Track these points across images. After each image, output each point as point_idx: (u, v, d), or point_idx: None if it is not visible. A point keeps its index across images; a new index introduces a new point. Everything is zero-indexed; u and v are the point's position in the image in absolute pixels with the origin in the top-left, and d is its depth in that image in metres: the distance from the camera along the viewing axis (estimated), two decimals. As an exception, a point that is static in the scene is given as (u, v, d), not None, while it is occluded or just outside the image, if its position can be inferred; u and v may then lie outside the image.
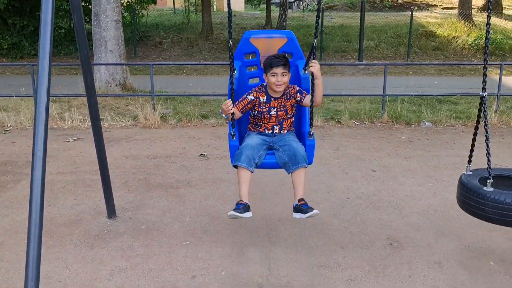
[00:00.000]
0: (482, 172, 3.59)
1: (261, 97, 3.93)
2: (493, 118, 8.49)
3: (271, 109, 3.93)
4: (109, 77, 10.80)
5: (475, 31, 18.71)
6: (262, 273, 3.57)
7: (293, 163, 3.70)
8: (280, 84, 3.82)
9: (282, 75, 3.79)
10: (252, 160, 3.69)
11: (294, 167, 3.69)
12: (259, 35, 4.20)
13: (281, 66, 3.78)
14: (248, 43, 4.16)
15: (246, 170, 3.66)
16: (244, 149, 3.72)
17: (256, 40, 4.16)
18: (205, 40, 19.28)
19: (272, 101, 3.93)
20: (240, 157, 3.68)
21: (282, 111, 3.94)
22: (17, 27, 17.59)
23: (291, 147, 3.75)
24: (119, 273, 3.56)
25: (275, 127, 3.99)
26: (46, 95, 2.63)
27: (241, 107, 3.92)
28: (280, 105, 3.93)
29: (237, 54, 4.18)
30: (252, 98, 3.93)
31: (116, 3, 10.57)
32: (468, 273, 3.56)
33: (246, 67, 4.24)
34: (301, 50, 4.24)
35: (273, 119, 3.96)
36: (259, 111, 3.94)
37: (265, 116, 3.94)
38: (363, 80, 13.70)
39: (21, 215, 4.55)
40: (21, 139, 7.34)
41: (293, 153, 3.71)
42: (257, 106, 3.94)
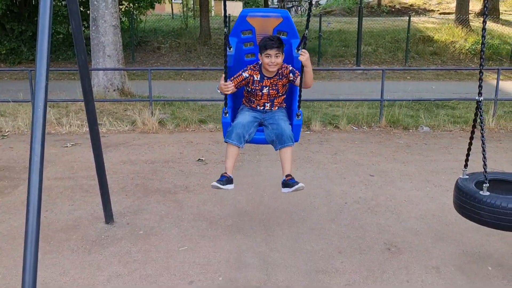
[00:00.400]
0: (479, 176, 3.60)
1: (255, 75, 4.14)
2: (491, 122, 8.50)
3: (264, 87, 4.15)
4: (107, 82, 10.80)
5: (472, 36, 18.77)
6: (259, 278, 3.56)
7: (280, 141, 3.97)
8: (273, 65, 4.02)
9: (275, 56, 3.99)
10: (242, 137, 3.95)
11: (280, 145, 3.97)
12: (255, 13, 4.34)
13: (275, 48, 3.97)
14: (245, 21, 4.29)
15: (234, 146, 3.94)
16: (235, 127, 3.97)
17: (253, 18, 4.30)
18: (203, 45, 19.31)
19: (265, 80, 4.14)
20: (231, 135, 3.94)
21: (274, 90, 4.17)
22: (16, 33, 17.59)
23: (279, 126, 4.00)
24: (116, 279, 3.55)
25: (266, 104, 4.22)
26: (44, 100, 2.63)
27: (236, 83, 4.12)
28: (272, 84, 4.15)
29: (234, 31, 4.32)
30: (246, 76, 4.14)
31: (114, 8, 10.58)
32: (466, 278, 3.56)
33: (243, 43, 4.39)
34: (296, 29, 4.36)
35: (264, 97, 4.19)
36: (252, 89, 4.17)
37: (257, 93, 4.18)
38: (361, 85, 13.73)
39: (18, 220, 4.54)
40: (19, 144, 7.33)
41: (280, 132, 3.96)
42: (251, 83, 4.16)
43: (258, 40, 4.26)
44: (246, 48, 4.44)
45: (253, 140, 4.09)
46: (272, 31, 4.28)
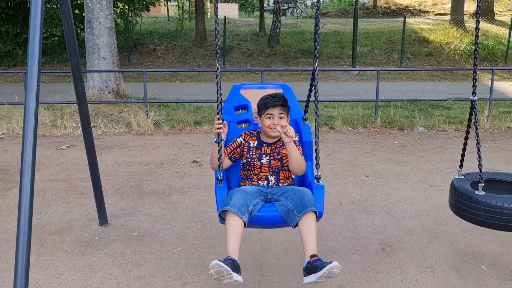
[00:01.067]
0: (474, 176, 3.60)
1: (251, 142, 3.39)
2: (485, 122, 8.53)
3: (262, 155, 3.32)
4: (102, 84, 10.79)
5: (467, 36, 18.84)
6: (254, 279, 3.55)
7: (300, 208, 2.93)
8: (273, 129, 3.24)
9: (279, 117, 3.23)
10: (245, 206, 2.92)
11: (301, 213, 2.91)
12: (250, 85, 3.70)
13: (279, 106, 3.23)
14: (238, 95, 3.65)
15: (237, 218, 2.89)
16: (235, 193, 3.00)
17: (247, 91, 3.65)
18: (199, 47, 19.32)
19: (264, 147, 3.34)
20: (229, 201, 2.93)
21: (276, 160, 3.30)
22: (11, 35, 17.57)
23: (295, 191, 3.04)
24: (110, 280, 3.54)
25: (269, 177, 3.32)
26: (35, 101, 2.61)
27: (230, 151, 3.37)
28: (273, 152, 3.32)
29: (226, 108, 3.62)
30: (240, 141, 3.39)
31: (109, 10, 10.58)
32: (460, 277, 3.56)
33: (237, 123, 3.66)
34: (298, 102, 3.69)
35: (265, 168, 3.31)
36: (248, 159, 3.33)
37: (255, 164, 3.31)
38: (356, 86, 13.75)
39: (11, 223, 4.52)
40: (13, 146, 7.31)
41: (299, 197, 2.97)
42: (246, 152, 3.35)
43: (255, 114, 3.54)
44: (240, 120, 3.69)
45: (259, 218, 3.01)
46: None
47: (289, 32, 21.18)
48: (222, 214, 2.98)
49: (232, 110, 3.64)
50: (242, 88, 3.68)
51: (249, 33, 21.71)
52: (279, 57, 18.47)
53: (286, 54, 18.63)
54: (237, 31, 21.85)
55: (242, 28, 22.75)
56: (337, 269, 2.68)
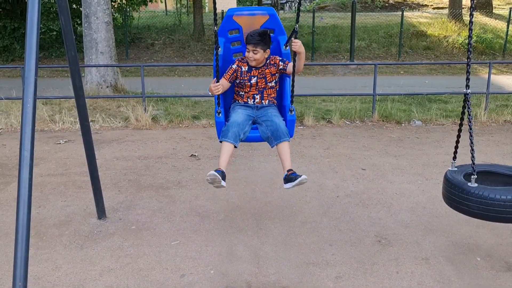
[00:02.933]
0: (467, 168, 3.63)
1: (243, 67, 4.19)
2: (483, 116, 8.56)
3: (252, 77, 4.17)
4: (100, 78, 10.78)
5: (465, 30, 18.80)
6: (251, 271, 3.59)
7: (275, 137, 3.95)
8: (251, 59, 4.08)
9: (253, 52, 4.05)
10: (238, 136, 3.93)
11: (276, 142, 3.95)
12: (242, 11, 4.33)
13: (252, 44, 4.02)
14: (231, 20, 4.28)
15: (230, 144, 3.90)
16: (230, 126, 3.93)
17: (239, 17, 4.29)
18: (197, 41, 19.29)
19: (253, 70, 4.18)
20: (227, 134, 3.90)
21: (261, 79, 4.17)
22: (8, 30, 17.52)
23: (273, 122, 3.98)
24: (109, 273, 3.57)
25: (255, 96, 4.21)
26: (33, 96, 2.64)
27: (228, 77, 4.18)
28: (260, 74, 4.17)
29: (221, 31, 4.29)
30: (235, 67, 4.19)
31: (106, 5, 10.56)
32: (454, 269, 3.60)
33: (230, 42, 4.39)
34: (282, 26, 4.36)
35: (253, 88, 4.19)
36: (241, 80, 4.20)
37: (245, 84, 4.19)
38: (354, 80, 13.76)
39: (10, 217, 4.55)
40: (11, 141, 7.33)
41: (275, 129, 3.95)
42: (239, 74, 4.19)
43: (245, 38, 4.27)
44: (233, 48, 4.43)
45: (248, 138, 4.07)
46: (259, 29, 4.28)
47: (287, 26, 21.04)
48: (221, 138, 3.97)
49: (226, 32, 4.32)
50: (234, 15, 4.28)
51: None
52: (277, 51, 18.43)
53: (284, 48, 18.58)
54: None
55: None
56: (305, 180, 3.80)
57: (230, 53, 4.42)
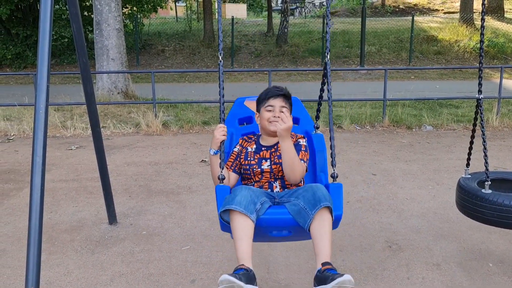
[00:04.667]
0: (481, 175, 3.61)
1: (249, 147, 3.02)
2: (495, 121, 8.51)
3: (262, 161, 2.93)
4: (111, 85, 10.87)
5: (477, 35, 18.73)
6: (261, 277, 3.59)
7: (313, 204, 2.53)
8: (274, 123, 2.84)
9: (280, 109, 2.88)
10: (253, 204, 2.53)
11: (314, 209, 2.51)
12: (254, 97, 3.29)
13: (281, 96, 2.92)
14: (242, 106, 3.41)
15: (245, 217, 2.50)
16: (238, 190, 2.60)
17: (252, 103, 3.31)
18: (207, 47, 19.39)
19: (263, 151, 2.97)
20: (233, 200, 2.54)
21: (278, 165, 2.88)
22: (21, 37, 17.74)
23: (307, 187, 2.66)
24: (119, 278, 3.59)
25: (273, 184, 2.92)
26: (45, 102, 2.66)
27: (230, 164, 2.98)
28: (274, 156, 2.92)
29: (230, 120, 3.37)
30: (238, 149, 3.03)
31: (117, 12, 10.66)
32: (466, 275, 3.57)
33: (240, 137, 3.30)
34: (308, 113, 3.45)
35: (266, 176, 2.92)
36: (247, 166, 2.95)
37: (255, 171, 2.92)
38: (364, 85, 13.73)
39: (23, 222, 4.59)
40: (24, 147, 7.40)
41: (311, 193, 2.57)
42: (243, 158, 2.97)
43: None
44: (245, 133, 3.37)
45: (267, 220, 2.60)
46: None
47: (297, 32, 21.19)
48: (224, 215, 2.61)
49: (236, 122, 3.39)
50: (246, 100, 3.43)
51: (257, 33, 21.75)
52: (287, 57, 18.49)
53: (294, 54, 18.65)
54: (245, 31, 21.90)
55: (250, 28, 22.80)
56: (349, 284, 2.28)
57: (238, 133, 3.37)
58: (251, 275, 2.39)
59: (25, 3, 17.46)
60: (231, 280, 2.28)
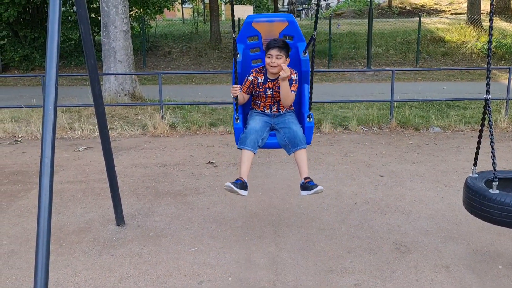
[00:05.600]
0: (488, 174, 3.58)
1: (259, 77, 4.15)
2: (503, 122, 8.45)
3: (267, 90, 4.13)
4: (118, 87, 10.90)
5: (484, 36, 18.63)
6: (269, 278, 3.58)
7: (293, 145, 3.94)
8: (273, 66, 3.99)
9: (276, 57, 3.97)
10: (256, 143, 3.93)
11: (293, 149, 3.94)
12: (260, 18, 4.30)
13: (276, 48, 3.95)
14: (250, 27, 4.27)
15: (250, 152, 3.90)
16: (249, 133, 3.92)
17: (258, 24, 4.27)
18: (214, 49, 19.40)
19: (268, 82, 4.13)
20: (245, 141, 3.90)
21: (277, 92, 4.11)
22: (28, 39, 17.81)
23: (290, 129, 3.97)
24: (127, 280, 3.59)
25: (272, 106, 4.19)
26: (54, 104, 2.67)
27: (245, 89, 4.16)
28: (275, 86, 4.11)
29: (240, 37, 4.29)
30: (251, 79, 4.15)
31: (124, 14, 10.69)
32: (476, 277, 3.55)
33: (249, 49, 4.38)
34: (301, 33, 4.34)
35: (268, 99, 4.17)
36: (257, 91, 4.17)
37: (261, 95, 4.16)
38: (371, 86, 13.69)
39: (31, 223, 4.61)
40: (32, 149, 7.43)
41: (292, 136, 3.94)
42: (255, 85, 4.16)
43: (264, 45, 4.26)
44: (252, 54, 4.41)
45: (266, 145, 4.07)
46: (278, 35, 4.27)
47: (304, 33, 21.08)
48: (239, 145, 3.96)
49: (245, 38, 4.31)
50: (254, 21, 4.27)
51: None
52: (294, 58, 18.44)
53: (300, 55, 18.59)
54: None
55: (256, 29, 22.75)
56: (321, 190, 3.82)
57: (249, 59, 4.41)
58: (245, 185, 3.83)
59: (33, 5, 17.51)
60: (231, 186, 3.73)
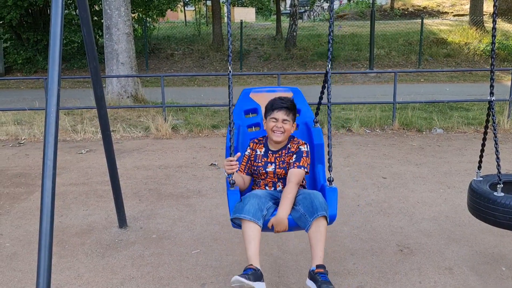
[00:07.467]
0: (493, 178, 3.57)
1: (258, 150, 3.36)
2: (506, 123, 8.44)
3: (268, 164, 3.28)
4: (121, 89, 10.92)
5: (487, 37, 18.62)
6: (271, 281, 3.57)
7: (311, 213, 2.91)
8: (278, 132, 3.20)
9: (283, 121, 3.20)
10: (259, 211, 2.93)
11: (312, 218, 2.90)
12: (260, 89, 3.71)
13: (284, 109, 3.20)
14: (248, 99, 3.66)
15: (253, 224, 2.88)
16: (247, 198, 2.99)
17: (257, 95, 3.64)
18: (216, 51, 19.43)
19: (270, 155, 3.31)
20: (242, 208, 2.92)
21: (281, 169, 3.26)
22: (31, 42, 17.87)
23: (305, 195, 3.02)
24: (130, 282, 3.59)
25: (276, 183, 3.31)
26: (56, 106, 2.67)
27: (243, 167, 3.35)
28: (278, 162, 3.28)
29: (236, 112, 3.62)
30: (249, 152, 3.36)
31: (127, 16, 10.71)
32: (479, 279, 3.53)
33: (247, 127, 3.68)
34: (308, 106, 3.71)
35: (270, 176, 3.30)
36: (255, 167, 3.32)
37: (261, 172, 3.29)
38: (374, 88, 13.69)
39: (34, 225, 4.61)
40: (34, 151, 7.44)
41: (309, 202, 2.94)
42: (253, 160, 3.33)
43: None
44: (251, 133, 3.68)
45: None
46: None
47: (305, 35, 21.18)
48: (235, 219, 2.99)
49: (242, 114, 3.65)
50: (252, 92, 3.68)
51: (266, 37, 21.76)
52: (296, 60, 18.48)
53: (303, 57, 18.63)
54: (254, 35, 21.92)
55: (259, 32, 22.82)
56: None
57: (246, 138, 3.61)
58: (259, 274, 2.80)
59: (35, 8, 17.57)
60: (241, 280, 2.68)
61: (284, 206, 2.97)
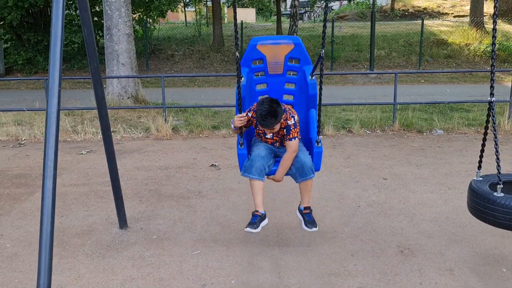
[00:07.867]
0: (493, 178, 3.57)
1: None
2: (506, 124, 8.43)
3: (266, 132, 3.95)
4: (121, 90, 10.92)
5: (487, 38, 18.61)
6: (272, 282, 3.57)
7: (301, 174, 3.80)
8: (268, 133, 3.94)
9: (269, 132, 3.90)
10: (263, 170, 3.77)
11: (301, 179, 3.82)
12: (265, 41, 4.18)
13: (269, 127, 3.74)
14: (255, 50, 4.16)
15: (259, 182, 3.77)
16: (253, 160, 3.76)
17: (263, 46, 4.15)
18: (217, 52, 19.42)
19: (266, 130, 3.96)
20: (251, 169, 3.75)
21: (278, 137, 3.96)
22: (32, 43, 17.86)
23: (298, 158, 3.79)
24: (130, 282, 3.58)
25: (274, 143, 4.01)
26: (57, 107, 2.68)
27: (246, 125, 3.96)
28: (275, 134, 3.95)
29: (244, 61, 4.17)
30: (250, 115, 3.89)
31: (127, 17, 10.71)
32: (480, 280, 3.53)
33: (254, 73, 4.25)
34: (308, 55, 4.23)
35: (270, 140, 4.00)
36: (258, 129, 4.01)
37: (262, 136, 4.01)
38: (374, 89, 13.68)
39: (34, 226, 4.61)
40: (35, 152, 7.44)
41: (300, 165, 3.77)
42: (254, 125, 3.96)
43: (270, 68, 4.16)
44: (257, 78, 4.26)
45: (272, 172, 3.91)
46: (283, 58, 4.15)
47: (306, 36, 21.17)
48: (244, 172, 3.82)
49: (250, 62, 4.19)
50: (258, 44, 4.16)
51: (266, 38, 21.74)
52: (297, 61, 18.44)
53: (303, 58, 18.59)
54: (254, 36, 21.92)
55: (259, 32, 22.82)
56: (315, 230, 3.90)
57: (253, 83, 4.25)
58: (263, 216, 3.81)
59: (36, 8, 17.55)
60: (251, 229, 3.69)
61: (281, 171, 3.87)
